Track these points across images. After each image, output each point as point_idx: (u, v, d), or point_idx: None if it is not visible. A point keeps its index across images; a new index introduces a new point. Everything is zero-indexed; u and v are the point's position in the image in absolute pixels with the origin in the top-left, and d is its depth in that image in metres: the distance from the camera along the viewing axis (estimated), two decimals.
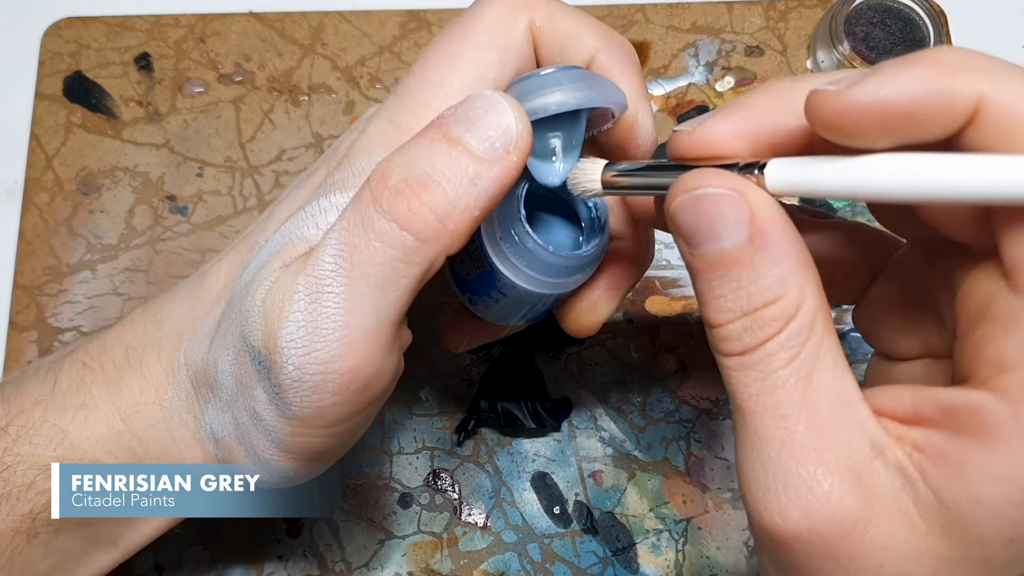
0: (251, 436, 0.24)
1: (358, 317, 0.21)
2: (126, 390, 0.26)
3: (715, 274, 0.19)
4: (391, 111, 0.24)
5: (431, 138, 0.21)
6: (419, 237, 0.21)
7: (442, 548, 0.35)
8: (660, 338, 0.38)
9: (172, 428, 0.26)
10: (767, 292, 0.19)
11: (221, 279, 0.26)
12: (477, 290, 0.26)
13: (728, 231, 0.19)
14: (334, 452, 0.26)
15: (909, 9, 0.42)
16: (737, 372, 0.19)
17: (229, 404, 0.25)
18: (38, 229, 0.40)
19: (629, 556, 0.35)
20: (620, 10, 0.44)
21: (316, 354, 0.21)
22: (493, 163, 0.21)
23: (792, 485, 0.18)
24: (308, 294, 0.21)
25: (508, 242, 0.24)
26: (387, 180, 0.21)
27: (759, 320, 0.19)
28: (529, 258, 0.24)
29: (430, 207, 0.21)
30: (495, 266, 0.25)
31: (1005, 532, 0.17)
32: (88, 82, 0.42)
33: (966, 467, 0.17)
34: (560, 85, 0.22)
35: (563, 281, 0.25)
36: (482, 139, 0.21)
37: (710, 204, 0.19)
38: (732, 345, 0.19)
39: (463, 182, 0.21)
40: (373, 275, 0.21)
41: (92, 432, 0.26)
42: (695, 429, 0.37)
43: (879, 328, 0.25)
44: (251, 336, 0.23)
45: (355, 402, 0.22)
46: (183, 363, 0.26)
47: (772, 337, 0.19)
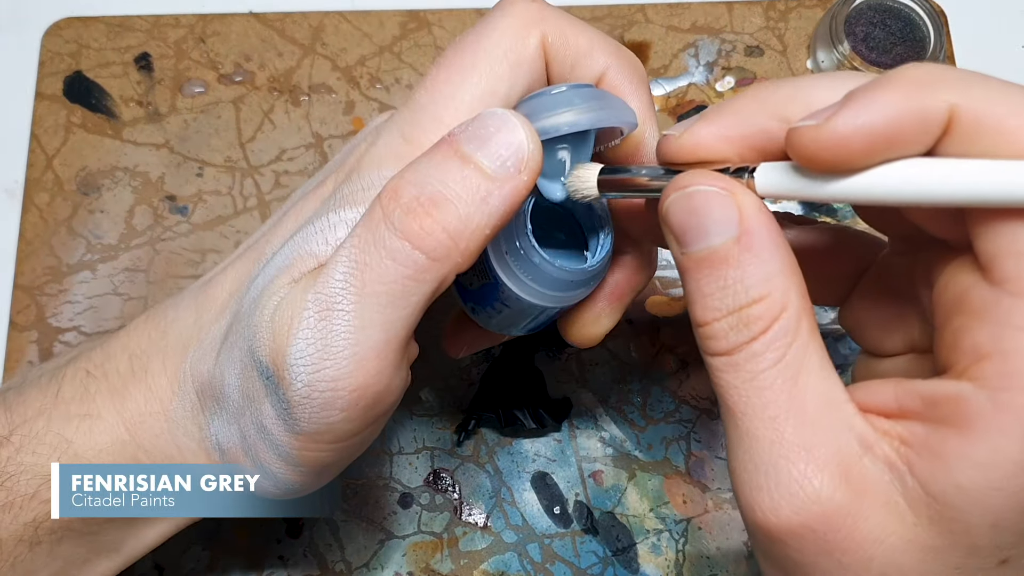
0: (257, 449, 0.24)
1: (368, 335, 0.21)
2: (130, 400, 0.26)
3: (703, 272, 0.20)
4: (401, 124, 0.24)
5: (443, 155, 0.21)
6: (431, 256, 0.21)
7: (442, 548, 0.35)
8: (660, 338, 0.38)
9: (177, 438, 0.26)
10: (752, 291, 0.19)
11: (226, 289, 0.26)
12: (480, 301, 0.26)
13: (717, 229, 0.20)
14: (340, 465, 0.26)
15: (909, 9, 0.42)
16: (725, 373, 0.20)
17: (235, 417, 0.24)
18: (38, 229, 0.40)
19: (629, 556, 0.35)
20: (620, 10, 0.44)
21: (325, 371, 0.21)
22: (504, 182, 0.21)
23: (783, 483, 0.19)
24: (318, 311, 0.21)
25: (514, 256, 0.24)
26: (399, 198, 0.21)
27: (745, 319, 0.19)
28: (534, 272, 0.24)
29: (442, 225, 0.21)
30: (500, 279, 0.25)
31: (989, 518, 0.18)
32: (88, 82, 0.42)
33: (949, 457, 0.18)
34: (572, 105, 0.22)
35: (567, 295, 0.26)
36: (494, 158, 0.21)
37: (701, 201, 0.20)
38: (718, 344, 0.20)
39: (475, 200, 0.21)
40: (384, 293, 0.21)
41: (96, 442, 0.26)
42: (695, 429, 0.37)
43: (864, 326, 0.26)
44: (259, 351, 0.23)
45: (363, 418, 0.23)
46: (188, 374, 0.26)
47: (757, 337, 0.19)
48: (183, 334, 0.27)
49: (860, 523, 0.18)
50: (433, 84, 0.24)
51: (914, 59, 0.42)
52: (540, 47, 0.24)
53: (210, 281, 0.27)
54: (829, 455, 0.19)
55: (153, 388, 0.26)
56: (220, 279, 0.27)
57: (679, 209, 0.21)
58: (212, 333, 0.26)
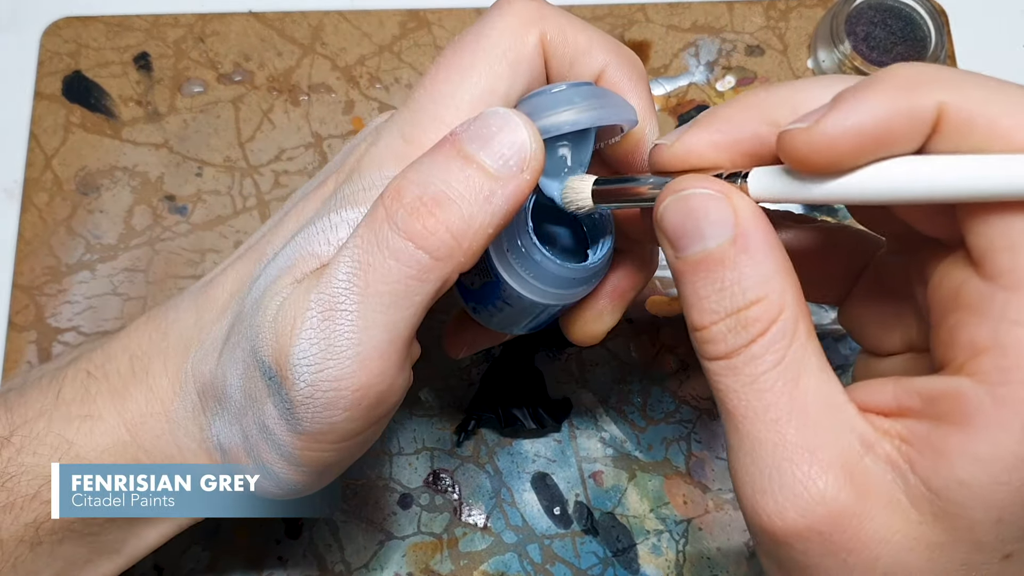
0: (260, 449, 0.24)
1: (371, 335, 0.21)
2: (131, 401, 0.26)
3: (699, 275, 0.20)
4: (402, 124, 0.24)
5: (445, 155, 0.21)
6: (434, 255, 0.21)
7: (442, 549, 0.35)
8: (660, 338, 0.38)
9: (178, 439, 0.26)
10: (749, 292, 0.19)
11: (227, 289, 0.26)
12: (482, 300, 0.26)
13: (712, 231, 0.20)
14: (342, 465, 0.26)
15: (910, 8, 0.42)
16: (725, 377, 0.20)
17: (238, 417, 0.24)
18: (37, 229, 0.40)
19: (629, 557, 0.35)
20: (620, 10, 0.44)
21: (328, 371, 0.21)
22: (507, 181, 0.21)
23: (787, 485, 0.19)
24: (321, 311, 0.21)
25: (515, 254, 0.24)
26: (402, 198, 0.21)
27: (743, 321, 0.19)
28: (536, 270, 0.24)
29: (445, 225, 0.21)
30: (501, 277, 0.25)
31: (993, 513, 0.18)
32: (87, 82, 0.42)
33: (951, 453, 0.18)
34: (573, 103, 0.23)
35: (569, 292, 0.26)
36: (496, 157, 0.21)
37: (696, 204, 0.20)
38: (717, 348, 0.20)
39: (478, 200, 0.21)
40: (387, 293, 0.21)
41: (97, 443, 0.26)
42: (696, 429, 0.37)
43: (863, 324, 0.26)
44: (262, 352, 0.23)
45: (366, 418, 0.23)
46: (190, 374, 0.26)
47: (756, 339, 0.19)
48: (184, 335, 0.27)
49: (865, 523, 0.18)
50: (432, 84, 0.24)
51: (915, 58, 0.42)
52: (539, 45, 0.24)
53: (211, 282, 0.27)
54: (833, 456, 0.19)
55: (154, 389, 0.26)
56: (221, 280, 0.27)
57: (674, 213, 0.21)
58: (213, 334, 0.26)
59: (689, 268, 0.20)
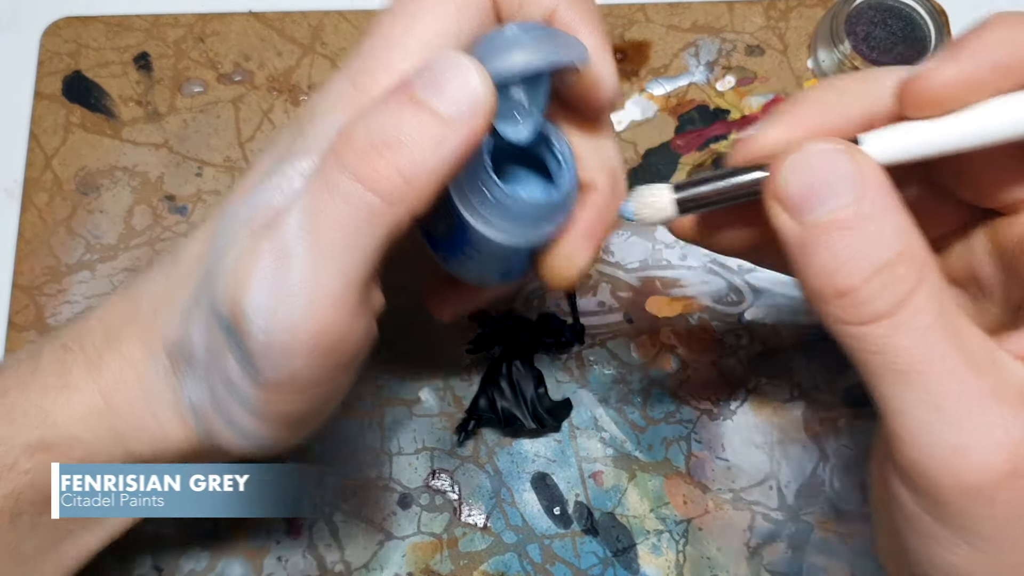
0: (227, 405, 0.24)
1: (324, 280, 0.21)
2: (106, 369, 0.26)
3: (834, 235, 0.20)
4: (352, 72, 0.24)
5: (396, 100, 0.21)
6: (385, 198, 0.21)
7: (442, 549, 0.35)
8: (660, 338, 0.38)
9: (152, 405, 0.26)
10: (895, 244, 0.19)
11: (193, 252, 0.26)
12: (450, 248, 0.26)
13: (844, 187, 0.20)
14: (310, 418, 0.25)
15: (910, 8, 0.42)
16: (891, 337, 0.19)
17: (205, 374, 0.25)
18: (37, 229, 0.40)
19: (629, 557, 0.35)
20: (620, 9, 0.44)
21: (282, 318, 0.21)
22: (459, 126, 0.21)
23: (985, 432, 0.18)
24: (273, 259, 0.21)
25: (476, 195, 0.24)
26: (352, 142, 0.21)
27: (895, 274, 0.19)
28: (499, 209, 0.24)
29: (396, 168, 0.21)
30: (465, 220, 0.25)
31: None
32: (87, 82, 0.42)
33: None
34: (523, 45, 0.22)
35: (535, 232, 0.25)
36: (448, 102, 0.21)
37: (823, 160, 0.20)
38: (876, 306, 0.19)
39: (429, 144, 0.21)
40: (339, 237, 0.21)
41: (73, 412, 0.26)
42: (696, 429, 0.37)
43: None
44: (218, 304, 0.23)
45: (324, 365, 0.22)
46: (159, 338, 0.26)
47: (916, 289, 0.19)
48: (154, 301, 0.27)
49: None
50: (380, 30, 0.24)
51: (915, 58, 0.42)
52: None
53: (179, 248, 0.27)
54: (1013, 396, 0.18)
55: (127, 356, 0.26)
56: (187, 244, 0.27)
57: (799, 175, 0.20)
58: (180, 296, 0.26)
59: (822, 230, 0.20)
